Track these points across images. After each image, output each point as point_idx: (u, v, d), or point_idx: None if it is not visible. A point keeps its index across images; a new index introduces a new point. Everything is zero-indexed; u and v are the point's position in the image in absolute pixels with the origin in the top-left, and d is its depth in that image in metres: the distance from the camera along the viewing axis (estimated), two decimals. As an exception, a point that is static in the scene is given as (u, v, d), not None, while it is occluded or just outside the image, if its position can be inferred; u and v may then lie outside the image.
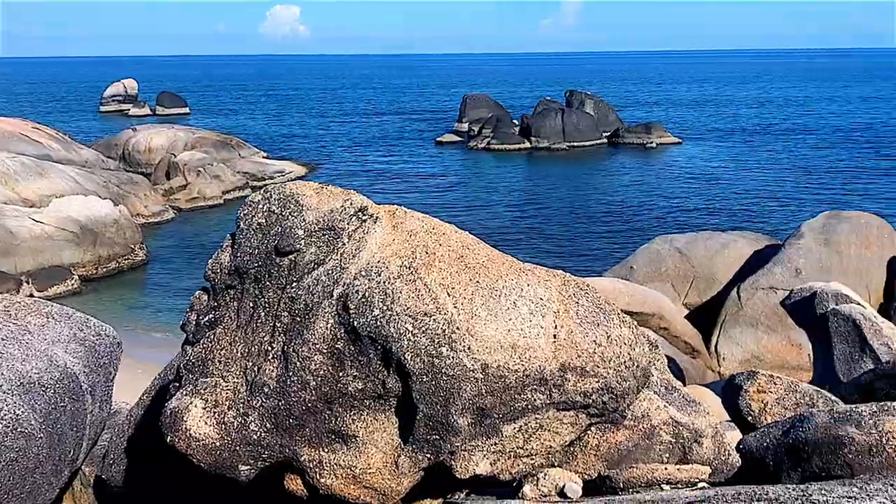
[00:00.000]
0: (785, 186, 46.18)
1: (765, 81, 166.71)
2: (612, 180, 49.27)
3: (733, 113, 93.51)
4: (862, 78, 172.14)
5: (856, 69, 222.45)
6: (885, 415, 6.03)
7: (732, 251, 18.47)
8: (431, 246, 4.43)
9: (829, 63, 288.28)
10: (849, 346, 8.91)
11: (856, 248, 17.24)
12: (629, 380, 4.53)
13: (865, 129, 74.30)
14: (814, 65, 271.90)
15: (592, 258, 30.17)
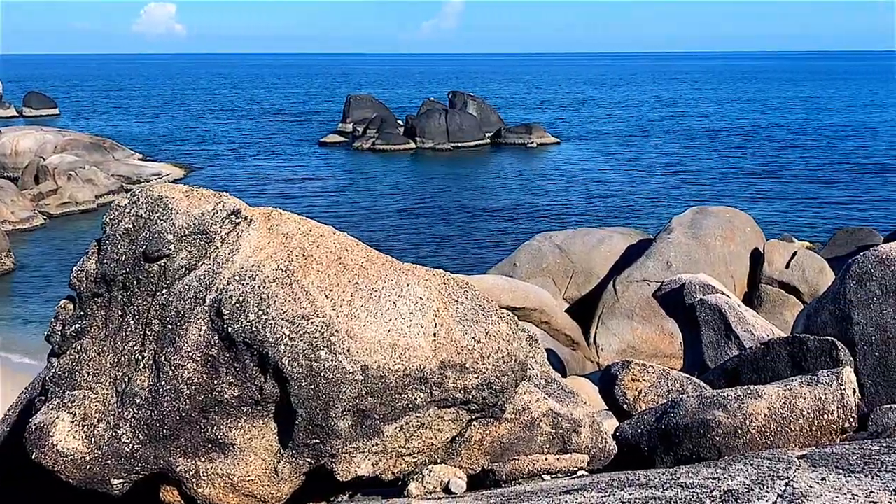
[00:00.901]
0: (656, 184, 48.02)
1: (639, 83, 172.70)
2: (495, 180, 50.02)
3: (609, 114, 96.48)
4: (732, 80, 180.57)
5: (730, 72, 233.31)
6: (749, 398, 6.36)
7: (608, 246, 19.05)
8: (308, 248, 4.40)
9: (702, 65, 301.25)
10: (715, 333, 9.34)
11: (721, 240, 18.08)
12: (508, 374, 4.62)
13: (731, 129, 77.99)
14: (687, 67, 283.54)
15: (478, 256, 30.55)
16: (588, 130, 78.18)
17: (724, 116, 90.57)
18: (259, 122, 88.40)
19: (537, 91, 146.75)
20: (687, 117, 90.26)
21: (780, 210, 39.63)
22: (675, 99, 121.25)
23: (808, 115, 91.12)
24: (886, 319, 8.56)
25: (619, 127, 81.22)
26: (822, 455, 3.62)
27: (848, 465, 3.26)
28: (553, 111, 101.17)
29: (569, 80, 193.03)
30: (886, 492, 2.73)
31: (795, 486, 2.92)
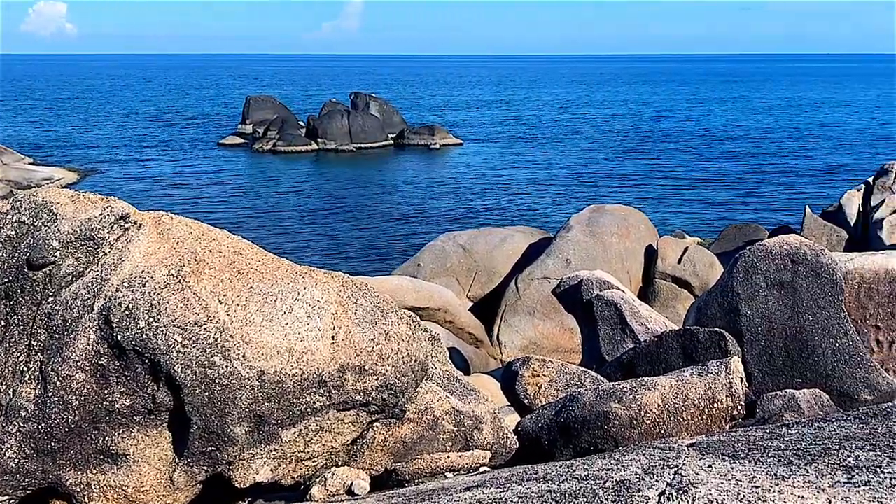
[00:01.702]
0: (557, 183, 48.95)
1: (541, 85, 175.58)
2: (398, 181, 50.02)
3: (512, 115, 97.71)
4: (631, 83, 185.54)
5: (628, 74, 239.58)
6: (644, 389, 6.55)
7: (510, 245, 19.31)
8: (201, 252, 4.31)
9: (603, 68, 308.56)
10: (611, 328, 9.59)
11: (617, 238, 18.58)
12: (408, 375, 4.64)
13: (629, 130, 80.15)
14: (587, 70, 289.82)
15: (382, 257, 30.49)
16: (491, 131, 79.02)
17: (623, 118, 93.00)
18: (156, 125, 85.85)
19: (440, 92, 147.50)
20: (588, 119, 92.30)
21: (673, 208, 40.99)
22: (576, 101, 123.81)
23: (702, 116, 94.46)
24: (771, 310, 8.95)
25: (521, 128, 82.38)
26: (710, 443, 3.76)
27: (733, 452, 3.40)
28: (456, 112, 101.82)
29: (472, 81, 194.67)
30: (768, 476, 2.86)
31: (684, 473, 3.03)
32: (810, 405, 7.38)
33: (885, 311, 9.55)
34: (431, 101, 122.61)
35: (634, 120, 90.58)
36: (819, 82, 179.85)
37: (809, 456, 2.99)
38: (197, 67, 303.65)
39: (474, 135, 74.88)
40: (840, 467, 2.75)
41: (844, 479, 2.61)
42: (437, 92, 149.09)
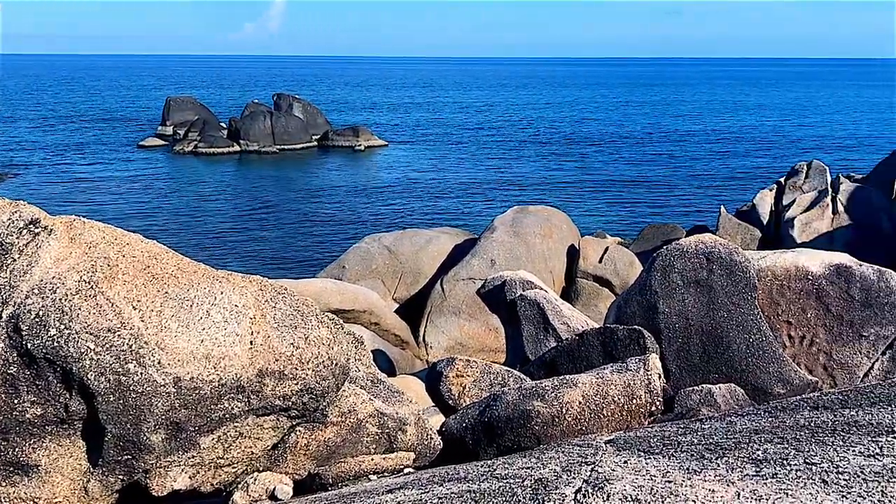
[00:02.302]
0: (482, 185, 49.28)
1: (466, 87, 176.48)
2: (323, 183, 49.61)
3: (438, 117, 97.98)
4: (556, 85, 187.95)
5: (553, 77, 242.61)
6: (565, 387, 6.64)
7: (436, 246, 19.33)
8: (114, 258, 4.19)
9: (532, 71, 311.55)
10: (534, 327, 9.71)
11: (540, 238, 18.79)
12: (328, 379, 4.60)
13: (553, 132, 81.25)
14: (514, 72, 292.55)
15: (307, 260, 30.19)
16: (416, 133, 79.08)
17: (547, 120, 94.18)
18: (73, 127, 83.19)
19: (366, 94, 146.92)
20: (512, 121, 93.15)
21: (595, 208, 41.72)
22: (501, 103, 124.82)
23: (624, 119, 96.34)
24: (688, 308, 9.18)
25: (446, 130, 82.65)
26: (627, 439, 3.84)
27: (648, 447, 3.47)
28: (382, 114, 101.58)
29: (397, 83, 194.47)
30: (681, 471, 2.93)
31: (600, 470, 3.09)
32: (726, 399, 7.59)
33: (796, 307, 9.86)
34: (356, 103, 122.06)
35: (558, 122, 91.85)
36: (737, 85, 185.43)
37: (721, 450, 3.07)
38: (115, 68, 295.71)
39: (399, 136, 74.84)
40: (749, 460, 2.84)
41: (753, 472, 2.69)
42: (363, 93, 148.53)
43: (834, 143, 71.18)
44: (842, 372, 9.65)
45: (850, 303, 9.65)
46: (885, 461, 2.54)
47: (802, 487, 2.43)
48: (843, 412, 3.33)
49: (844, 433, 2.95)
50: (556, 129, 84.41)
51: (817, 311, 9.76)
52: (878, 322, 9.55)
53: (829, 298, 9.66)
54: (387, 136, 71.01)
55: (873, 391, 3.64)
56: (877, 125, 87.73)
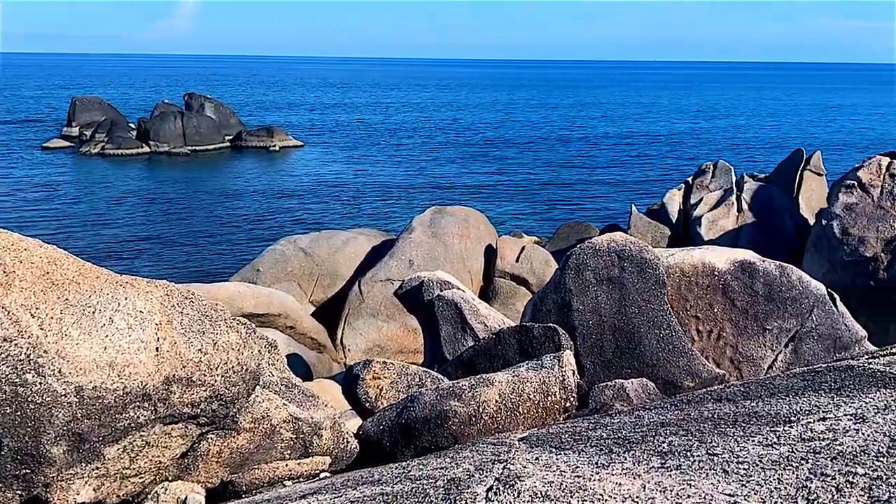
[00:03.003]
0: (400, 186, 49.22)
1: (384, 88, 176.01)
2: (236, 184, 48.73)
3: (354, 117, 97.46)
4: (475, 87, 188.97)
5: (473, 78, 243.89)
6: (482, 386, 6.67)
7: (353, 248, 19.19)
8: (10, 264, 4.02)
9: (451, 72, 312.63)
10: (452, 327, 9.74)
11: (458, 238, 18.86)
12: (238, 385, 4.52)
13: (469, 133, 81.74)
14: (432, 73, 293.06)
15: (220, 264, 29.59)
16: (334, 134, 78.48)
17: (465, 121, 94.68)
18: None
19: (281, 94, 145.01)
20: (431, 122, 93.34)
21: (512, 208, 42.15)
22: (419, 104, 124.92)
23: (541, 120, 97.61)
24: (601, 304, 9.35)
25: (364, 131, 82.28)
26: (539, 436, 3.87)
27: (560, 444, 3.52)
28: (297, 114, 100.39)
29: (314, 83, 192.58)
30: (590, 465, 2.97)
31: (512, 467, 3.11)
32: (638, 394, 7.75)
33: (703, 302, 10.13)
34: (272, 103, 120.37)
35: (476, 123, 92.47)
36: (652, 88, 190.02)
37: (628, 444, 3.13)
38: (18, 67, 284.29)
39: (316, 137, 74.14)
40: (655, 453, 2.90)
41: (658, 464, 2.75)
42: (278, 93, 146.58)
43: (740, 143, 73.67)
44: (748, 364, 9.96)
45: (754, 297, 9.98)
46: (781, 450, 2.63)
47: (704, 477, 2.50)
48: (745, 403, 3.43)
49: (745, 424, 3.05)
50: (474, 130, 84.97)
51: (723, 305, 10.06)
52: (780, 316, 9.90)
53: (734, 293, 9.97)
54: (303, 137, 70.24)
55: (772, 383, 3.76)
56: (780, 126, 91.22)
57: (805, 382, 3.63)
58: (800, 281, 9.98)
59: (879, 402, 3.03)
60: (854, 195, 16.91)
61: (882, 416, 2.81)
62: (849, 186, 17.15)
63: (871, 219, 16.24)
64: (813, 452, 2.55)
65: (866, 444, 2.52)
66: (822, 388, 3.48)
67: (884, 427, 2.67)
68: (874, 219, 16.22)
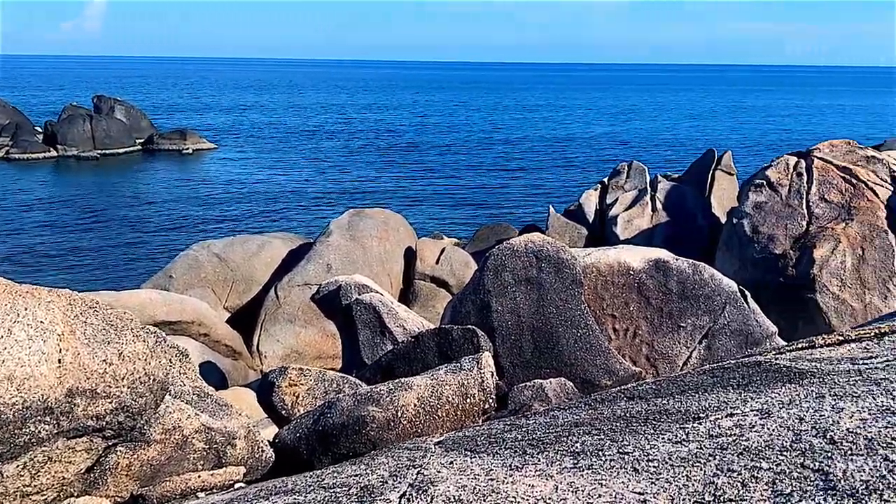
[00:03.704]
0: (318, 188, 48.72)
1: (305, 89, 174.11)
2: (148, 189, 47.46)
3: (273, 119, 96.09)
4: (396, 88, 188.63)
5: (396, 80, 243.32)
6: (401, 391, 6.63)
7: (269, 252, 18.85)
8: None
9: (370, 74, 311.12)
10: (371, 331, 9.66)
11: (377, 241, 18.72)
12: (145, 396, 4.37)
13: (390, 134, 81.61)
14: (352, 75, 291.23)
15: (132, 270, 28.75)
16: (249, 136, 77.23)
17: (384, 123, 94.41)
18: None
19: (195, 96, 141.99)
20: (350, 123, 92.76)
21: (431, 210, 42.20)
22: (338, 106, 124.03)
23: (461, 122, 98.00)
24: (519, 305, 9.42)
25: (281, 133, 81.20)
26: (455, 439, 3.85)
27: (475, 447, 3.50)
28: (212, 116, 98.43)
29: (229, 84, 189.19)
30: (504, 468, 2.96)
31: (426, 473, 3.07)
32: (556, 393, 7.81)
33: (619, 301, 10.30)
34: (185, 105, 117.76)
35: (395, 125, 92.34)
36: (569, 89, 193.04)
37: (542, 444, 3.13)
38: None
39: (230, 139, 72.85)
40: (568, 453, 2.90)
41: (571, 465, 2.76)
42: (192, 95, 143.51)
43: (656, 144, 75.47)
44: (663, 361, 10.17)
45: (669, 295, 10.20)
46: (690, 447, 2.66)
47: (615, 476, 2.51)
48: (656, 401, 3.48)
49: (656, 422, 3.08)
50: (394, 132, 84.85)
51: (639, 304, 10.25)
52: (693, 313, 10.15)
53: (649, 292, 10.16)
54: (217, 140, 68.91)
55: (683, 380, 3.83)
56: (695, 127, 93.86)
57: (714, 379, 3.71)
58: (712, 279, 10.25)
59: (784, 397, 3.10)
60: (763, 194, 17.47)
61: (786, 411, 2.87)
62: (758, 185, 17.71)
63: (780, 217, 16.80)
64: (720, 448, 2.59)
65: (771, 439, 2.57)
66: (731, 384, 3.55)
67: (787, 422, 2.73)
68: (783, 217, 16.78)
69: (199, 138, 65.39)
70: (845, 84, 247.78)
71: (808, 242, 15.90)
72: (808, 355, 3.95)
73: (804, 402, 2.96)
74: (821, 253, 15.47)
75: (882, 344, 3.96)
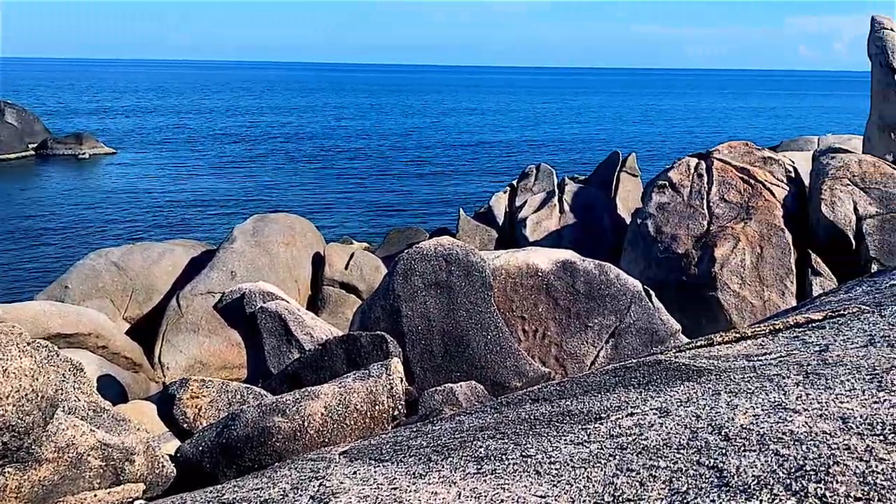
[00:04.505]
0: (222, 193, 47.63)
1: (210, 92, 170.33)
2: (42, 195, 45.51)
3: (174, 123, 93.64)
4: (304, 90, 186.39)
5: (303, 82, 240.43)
6: (307, 400, 6.51)
7: (170, 260, 18.28)
8: None
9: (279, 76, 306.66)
10: (277, 339, 9.48)
11: (284, 247, 18.41)
12: (33, 414, 4.14)
13: (297, 138, 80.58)
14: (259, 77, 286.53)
15: (24, 281, 27.49)
16: (149, 140, 75.08)
17: (292, 126, 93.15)
18: None
19: (93, 99, 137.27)
20: (256, 127, 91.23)
21: (340, 214, 41.80)
22: (245, 109, 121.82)
23: (370, 125, 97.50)
24: (430, 309, 9.40)
25: (184, 136, 79.23)
26: (360, 448, 3.78)
27: (380, 455, 3.44)
28: (111, 120, 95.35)
29: (130, 87, 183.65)
30: (407, 476, 2.90)
31: (328, 484, 2.99)
32: (467, 397, 7.82)
33: (528, 303, 10.40)
34: (82, 108, 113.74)
35: (303, 128, 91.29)
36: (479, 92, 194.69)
37: (447, 451, 3.09)
38: None
39: (130, 143, 70.65)
40: (472, 459, 2.87)
41: (474, 470, 2.73)
42: (89, 98, 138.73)
43: (565, 146, 76.78)
44: (571, 361, 10.32)
45: (576, 296, 10.35)
46: (591, 447, 2.67)
47: (518, 480, 2.49)
48: (560, 403, 3.49)
49: (559, 423, 3.08)
50: (301, 135, 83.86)
51: (547, 305, 10.37)
52: (600, 313, 10.33)
53: (557, 293, 10.30)
54: (115, 144, 66.68)
55: (586, 380, 3.85)
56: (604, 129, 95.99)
57: (616, 379, 3.74)
58: (617, 278, 10.45)
59: (682, 396, 3.15)
60: (666, 195, 17.94)
61: (684, 409, 2.91)
62: (661, 187, 18.19)
63: (682, 217, 17.29)
64: (620, 448, 2.60)
65: (669, 437, 2.59)
66: (632, 383, 3.59)
67: (685, 419, 2.77)
68: (685, 217, 17.26)
69: (97, 143, 63.16)
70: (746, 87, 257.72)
71: (709, 242, 16.40)
72: (707, 353, 4.03)
73: (701, 399, 3.00)
74: (721, 252, 15.98)
75: (776, 340, 4.08)
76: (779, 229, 16.55)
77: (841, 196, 16.88)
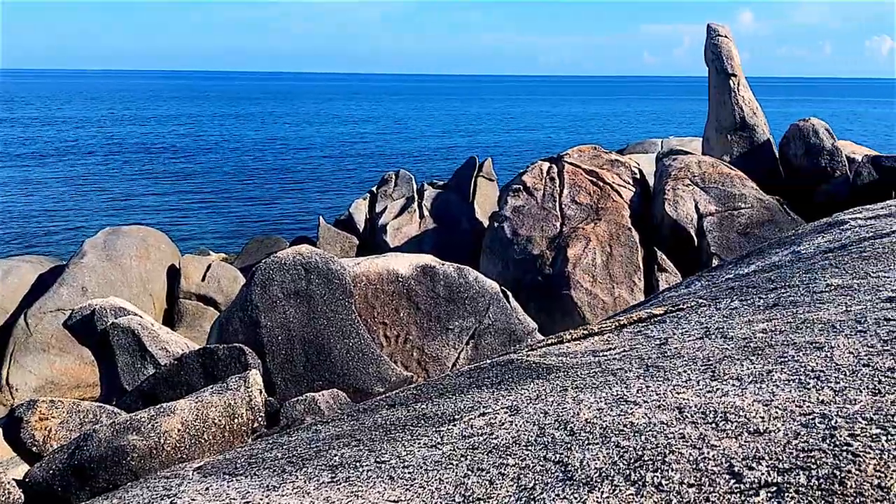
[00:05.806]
0: (68, 206, 45.22)
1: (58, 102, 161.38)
2: None
3: (18, 134, 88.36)
4: (160, 98, 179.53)
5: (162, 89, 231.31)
6: (163, 416, 6.33)
7: (16, 277, 17.26)
8: None
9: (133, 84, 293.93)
10: (130, 356, 9.13)
11: (137, 260, 17.72)
12: None
13: (152, 147, 77.61)
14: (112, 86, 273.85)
15: None
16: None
17: (146, 136, 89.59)
18: None
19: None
20: (108, 136, 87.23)
21: (196, 225, 40.53)
22: (97, 118, 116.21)
23: (228, 133, 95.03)
24: (290, 319, 9.31)
25: (28, 147, 74.86)
26: (215, 463, 3.71)
27: (234, 469, 3.38)
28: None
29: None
30: (261, 489, 2.88)
31: (179, 502, 2.93)
32: (329, 405, 7.79)
33: (390, 308, 10.46)
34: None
35: (157, 137, 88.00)
36: (340, 98, 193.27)
37: (301, 461, 3.09)
38: None
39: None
40: (326, 468, 2.88)
41: (328, 479, 2.74)
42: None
43: (424, 152, 77.43)
44: (434, 364, 10.45)
45: (436, 299, 10.50)
46: (444, 449, 2.73)
47: (372, 487, 2.52)
48: (416, 406, 3.54)
49: (413, 427, 3.14)
50: (154, 144, 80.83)
51: (409, 310, 10.46)
52: (460, 315, 10.51)
53: (417, 297, 10.41)
54: (-49, 157, 62.39)
55: (441, 383, 3.93)
56: (461, 134, 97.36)
57: (470, 380, 3.83)
58: (476, 281, 10.66)
59: (532, 393, 3.26)
60: (521, 198, 18.44)
61: (533, 406, 3.02)
62: (515, 190, 18.67)
63: (537, 219, 17.80)
64: (472, 448, 2.68)
65: (518, 435, 2.69)
66: (485, 383, 3.69)
67: (534, 416, 2.87)
68: (539, 219, 17.79)
69: (-72, 155, 58.85)
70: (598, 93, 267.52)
71: (562, 242, 16.97)
72: (557, 350, 4.19)
73: (549, 396, 3.12)
74: (573, 252, 16.57)
75: (621, 336, 4.28)
76: (626, 228, 17.32)
77: (683, 195, 17.85)
